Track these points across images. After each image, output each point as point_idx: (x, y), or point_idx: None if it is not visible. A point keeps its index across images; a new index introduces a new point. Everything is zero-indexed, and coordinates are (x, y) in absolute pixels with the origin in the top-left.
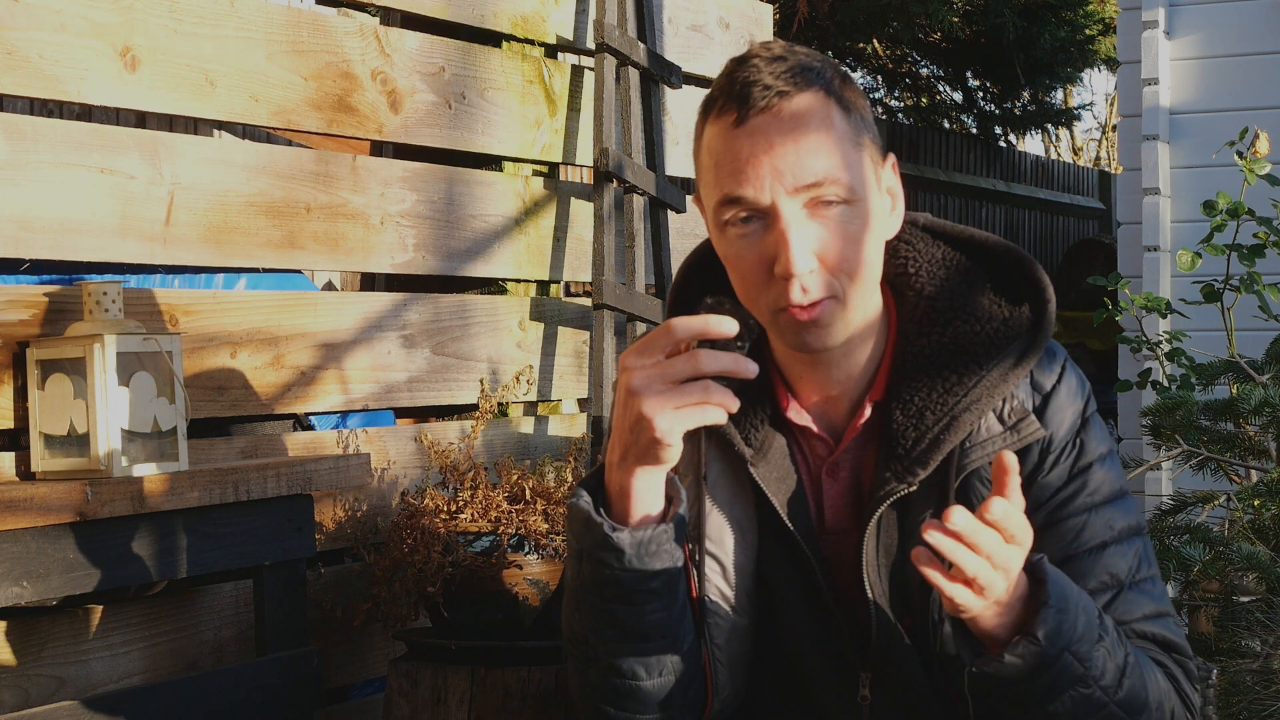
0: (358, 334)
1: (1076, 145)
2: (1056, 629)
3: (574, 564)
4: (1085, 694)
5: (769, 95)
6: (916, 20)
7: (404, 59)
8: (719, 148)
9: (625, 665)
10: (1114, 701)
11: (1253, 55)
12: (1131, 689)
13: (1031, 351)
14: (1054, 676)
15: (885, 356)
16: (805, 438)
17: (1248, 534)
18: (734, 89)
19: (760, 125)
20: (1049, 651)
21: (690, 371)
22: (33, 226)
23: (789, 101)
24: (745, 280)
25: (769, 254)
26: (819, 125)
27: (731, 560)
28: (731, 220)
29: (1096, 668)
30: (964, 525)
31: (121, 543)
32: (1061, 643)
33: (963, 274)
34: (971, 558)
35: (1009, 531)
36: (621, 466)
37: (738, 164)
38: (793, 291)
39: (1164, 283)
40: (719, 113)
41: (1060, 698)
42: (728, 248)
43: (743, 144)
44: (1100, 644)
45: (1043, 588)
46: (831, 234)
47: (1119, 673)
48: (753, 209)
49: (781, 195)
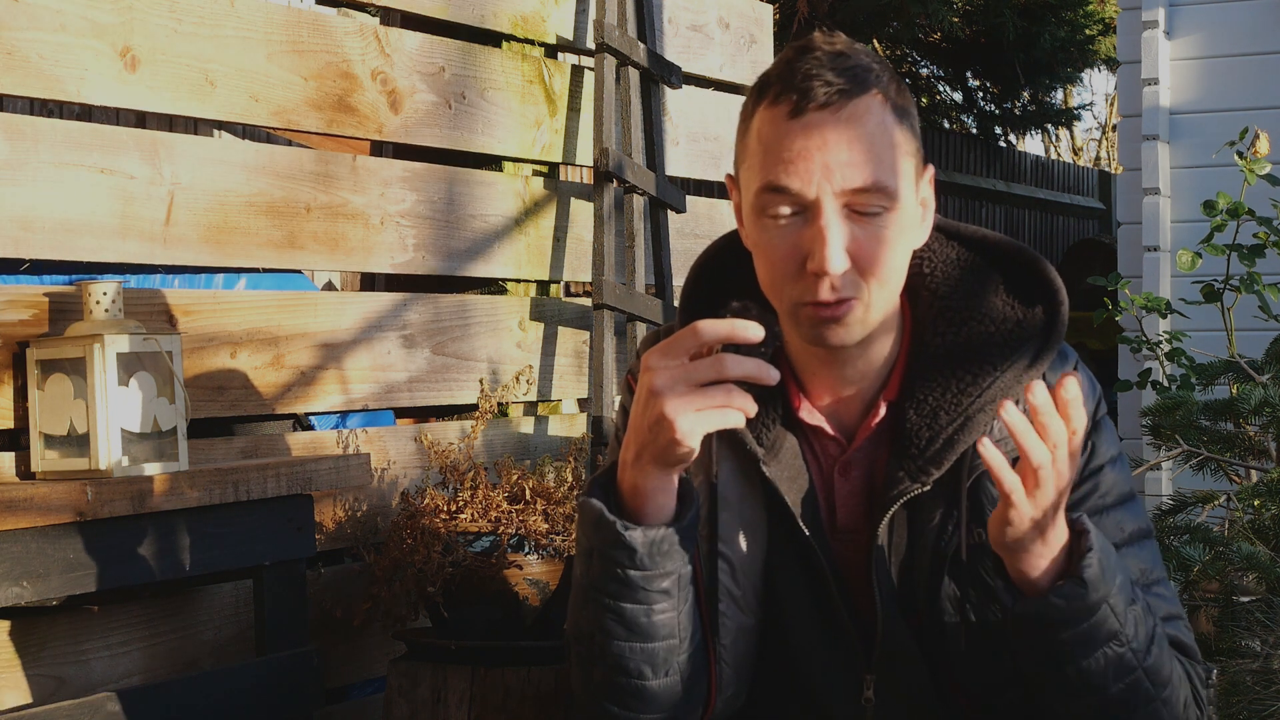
0: (358, 334)
1: (1076, 145)
2: (1100, 574)
3: (583, 562)
4: (1119, 653)
5: (830, 92)
6: (916, 20)
7: (404, 59)
8: (770, 135)
9: (632, 664)
10: (1143, 667)
11: (1253, 55)
12: (1159, 659)
13: (1045, 352)
14: (1092, 627)
15: (900, 356)
16: (817, 437)
17: (1248, 534)
18: (794, 78)
19: (817, 121)
20: (1091, 597)
21: (714, 375)
22: (33, 226)
23: (849, 101)
24: (774, 269)
25: (804, 247)
26: (875, 130)
27: (741, 560)
28: (771, 209)
29: (1131, 627)
30: (1042, 402)
31: (121, 543)
32: (1103, 590)
33: (976, 274)
34: (1039, 443)
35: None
36: (636, 465)
37: (789, 155)
38: (822, 289)
39: (1164, 283)
40: (775, 99)
41: (1095, 653)
42: (761, 234)
43: (797, 136)
44: (1133, 606)
45: (1086, 537)
46: (866, 238)
47: (1149, 639)
48: (796, 202)
49: (828, 193)
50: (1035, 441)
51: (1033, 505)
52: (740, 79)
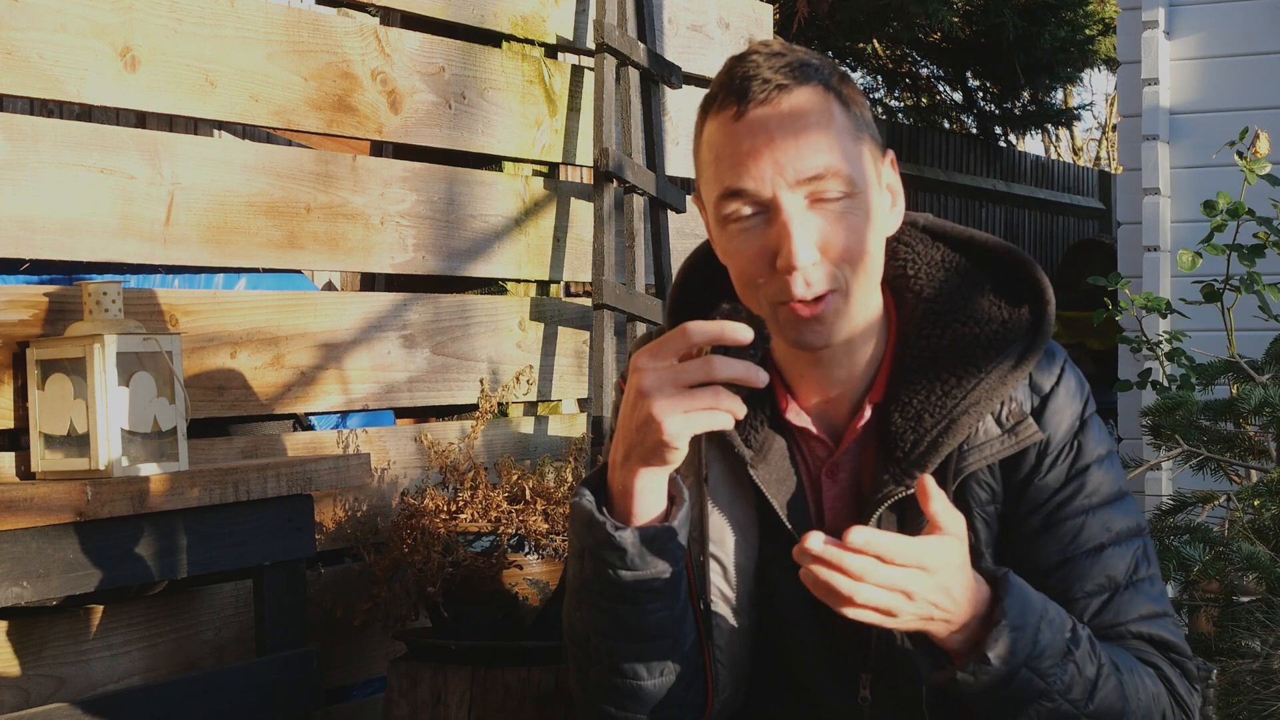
0: (358, 334)
1: (1076, 145)
2: (1010, 648)
3: (575, 563)
4: (1050, 708)
5: (768, 89)
6: (916, 20)
7: (404, 59)
8: (719, 142)
9: (627, 665)
10: (1084, 714)
11: (1253, 55)
12: (1104, 700)
13: (1030, 354)
14: (1013, 692)
15: (885, 358)
16: (805, 439)
17: (1248, 534)
18: (733, 84)
19: (760, 118)
20: (1001, 670)
21: (703, 376)
22: (33, 226)
23: (788, 95)
24: (744, 274)
25: (771, 247)
26: (818, 119)
27: (733, 561)
28: (732, 215)
29: (1061, 683)
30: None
31: (121, 543)
32: (1017, 660)
33: (962, 275)
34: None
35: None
36: (625, 466)
37: (738, 157)
38: (795, 285)
39: (1164, 283)
40: (719, 108)
41: (1023, 711)
42: (728, 243)
43: (743, 137)
44: (1068, 658)
45: (998, 606)
46: (833, 226)
47: (1089, 686)
48: (754, 202)
49: (783, 188)
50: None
51: (897, 621)
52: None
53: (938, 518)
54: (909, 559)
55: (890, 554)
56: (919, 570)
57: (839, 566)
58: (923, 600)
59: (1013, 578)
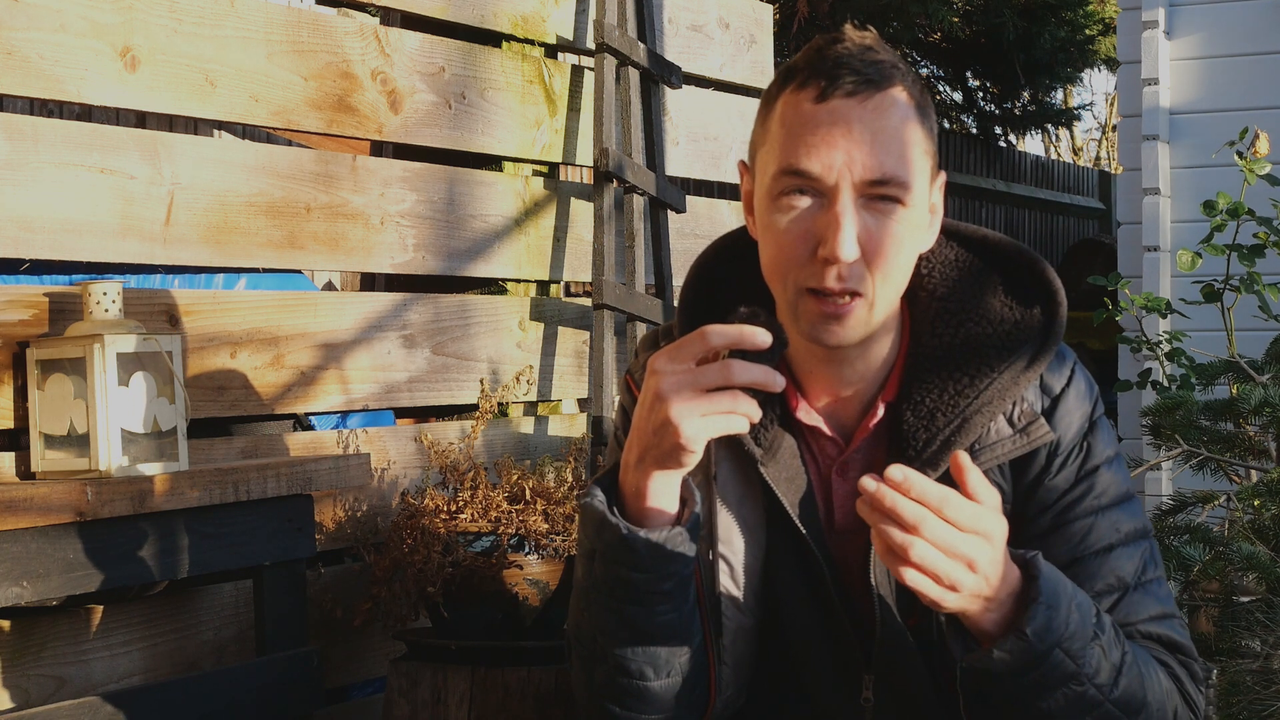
0: (358, 334)
1: (1076, 145)
2: (1046, 626)
3: (585, 564)
4: (1078, 691)
5: (858, 81)
6: (916, 20)
7: (404, 59)
8: (794, 119)
9: (633, 665)
10: (1109, 700)
11: (1253, 55)
12: (1128, 688)
13: (1043, 354)
14: (1044, 673)
15: (898, 357)
16: (814, 438)
17: (1248, 534)
18: (824, 65)
19: (843, 108)
20: (1038, 648)
21: (721, 380)
22: (33, 226)
23: (876, 93)
24: (782, 253)
25: (816, 233)
26: (897, 125)
27: (741, 561)
28: (788, 192)
29: (1090, 666)
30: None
31: (122, 543)
32: (1051, 639)
33: (975, 275)
34: (893, 529)
35: (946, 514)
36: (639, 468)
37: (812, 139)
38: (829, 276)
39: (1164, 283)
40: (802, 84)
41: (1053, 695)
42: (774, 216)
43: (822, 121)
44: (1095, 642)
45: (1034, 584)
46: (878, 231)
47: (1115, 671)
48: (814, 186)
49: (847, 181)
50: (889, 528)
51: (952, 592)
52: (740, 79)
53: (975, 492)
54: (969, 523)
55: (944, 507)
56: (982, 539)
57: (893, 511)
58: (982, 574)
59: (1042, 559)
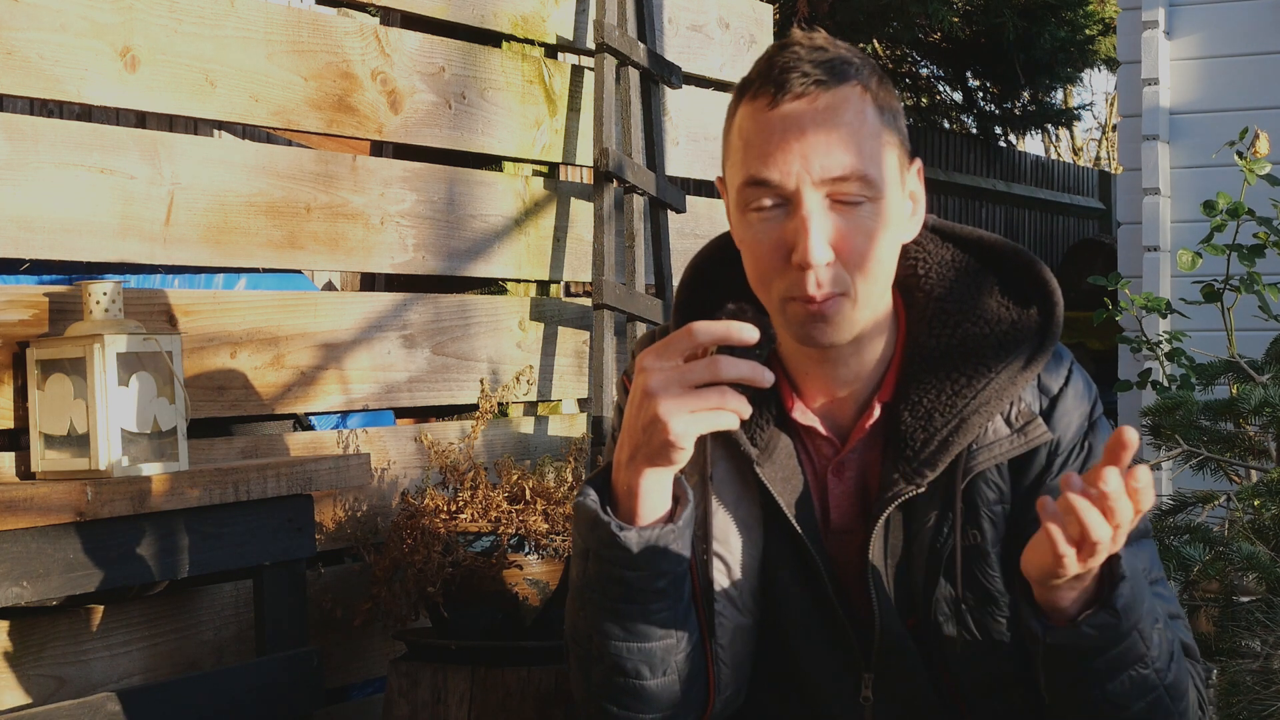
0: (358, 334)
1: (1076, 145)
2: (1131, 602)
3: (579, 563)
4: (1143, 674)
5: (807, 83)
6: (916, 20)
7: (404, 59)
8: (750, 129)
9: (630, 665)
10: (1164, 685)
11: (1253, 55)
12: (1178, 674)
13: (1040, 354)
14: (1121, 652)
15: (895, 357)
16: (810, 438)
17: (1248, 534)
18: (772, 73)
19: (794, 112)
20: (1123, 625)
21: (709, 376)
22: (33, 226)
23: (826, 92)
24: (760, 264)
25: (788, 241)
26: (852, 120)
27: (738, 560)
28: (754, 203)
29: (1156, 648)
30: (1114, 489)
31: (122, 543)
32: (1133, 618)
33: (971, 276)
34: (1103, 522)
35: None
36: (630, 466)
37: (768, 147)
38: (808, 283)
39: (1164, 283)
40: (754, 94)
41: (1120, 676)
42: (747, 230)
43: (775, 128)
44: (1157, 626)
45: (1118, 563)
46: (850, 229)
47: (1169, 658)
48: (776, 194)
49: (807, 183)
50: (1099, 520)
51: (1081, 566)
52: (740, 79)
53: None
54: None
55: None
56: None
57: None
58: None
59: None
